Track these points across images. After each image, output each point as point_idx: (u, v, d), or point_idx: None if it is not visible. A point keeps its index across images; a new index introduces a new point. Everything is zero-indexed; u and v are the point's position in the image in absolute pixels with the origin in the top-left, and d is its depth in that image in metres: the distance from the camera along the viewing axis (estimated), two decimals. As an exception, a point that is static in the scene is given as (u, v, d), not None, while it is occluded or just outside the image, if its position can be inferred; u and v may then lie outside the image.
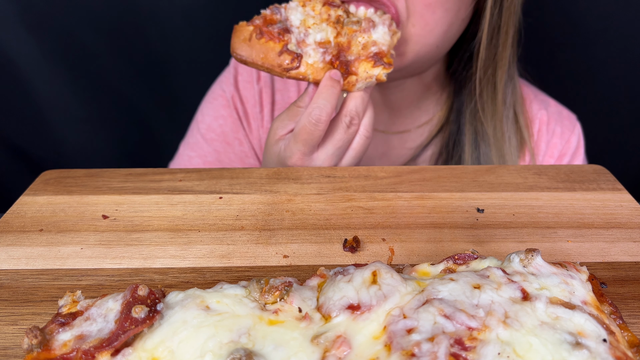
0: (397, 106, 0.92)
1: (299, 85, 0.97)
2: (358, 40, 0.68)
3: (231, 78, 0.99)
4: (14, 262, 0.51)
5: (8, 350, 0.41)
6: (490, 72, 0.83)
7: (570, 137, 0.93)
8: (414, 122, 0.94)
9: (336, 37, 0.68)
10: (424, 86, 0.91)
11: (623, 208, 0.59)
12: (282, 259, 0.51)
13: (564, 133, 0.93)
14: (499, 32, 0.79)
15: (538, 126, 0.93)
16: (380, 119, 0.93)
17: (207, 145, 0.98)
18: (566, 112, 0.96)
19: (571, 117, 0.96)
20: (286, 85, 0.97)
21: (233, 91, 0.98)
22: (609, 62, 1.20)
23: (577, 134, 0.94)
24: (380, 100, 0.91)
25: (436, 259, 0.50)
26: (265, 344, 0.36)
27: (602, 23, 1.16)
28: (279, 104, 0.97)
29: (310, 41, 0.67)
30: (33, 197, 0.62)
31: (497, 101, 0.85)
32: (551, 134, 0.93)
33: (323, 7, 0.69)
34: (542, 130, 0.93)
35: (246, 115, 0.98)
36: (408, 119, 0.94)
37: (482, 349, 0.34)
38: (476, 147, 0.88)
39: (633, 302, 0.46)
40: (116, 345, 0.36)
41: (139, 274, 0.50)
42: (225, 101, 0.98)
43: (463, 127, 0.89)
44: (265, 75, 0.98)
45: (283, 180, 0.65)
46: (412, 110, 0.93)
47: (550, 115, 0.93)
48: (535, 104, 0.94)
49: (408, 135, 0.94)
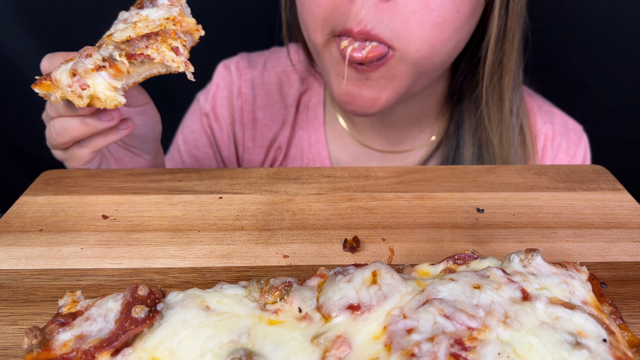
0: (396, 125, 0.89)
1: (283, 101, 0.95)
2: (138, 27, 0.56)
3: (209, 94, 0.97)
4: (14, 262, 0.51)
5: (8, 350, 0.41)
6: (496, 79, 0.80)
7: (577, 152, 0.90)
8: (413, 142, 0.91)
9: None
10: (426, 104, 0.88)
11: (623, 208, 0.59)
12: (282, 259, 0.51)
13: (570, 147, 0.90)
14: (505, 36, 0.76)
15: (543, 142, 0.90)
16: (377, 137, 0.91)
17: (179, 156, 0.98)
18: (572, 123, 0.93)
19: (577, 129, 0.92)
20: (269, 101, 0.95)
21: (209, 108, 0.96)
22: (608, 62, 1.20)
23: (583, 147, 0.91)
24: (377, 119, 0.88)
25: (436, 259, 0.50)
26: (265, 344, 0.36)
27: (602, 23, 1.16)
28: (261, 121, 0.95)
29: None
30: (33, 197, 0.62)
31: (504, 109, 0.82)
32: (556, 149, 0.90)
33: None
34: (547, 146, 0.90)
35: (221, 131, 0.96)
36: (407, 137, 0.91)
37: (482, 349, 0.34)
38: (478, 158, 0.86)
39: (633, 302, 0.46)
40: (116, 345, 0.36)
41: (139, 274, 0.50)
42: (200, 115, 0.97)
43: (463, 139, 0.86)
44: (247, 91, 0.95)
45: (283, 180, 0.65)
46: (411, 128, 0.90)
47: (555, 129, 0.90)
48: (540, 118, 0.91)
49: (406, 155, 0.92)
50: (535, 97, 0.94)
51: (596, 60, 1.21)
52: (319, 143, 0.93)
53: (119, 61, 0.54)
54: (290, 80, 0.95)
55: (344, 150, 0.93)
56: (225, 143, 0.97)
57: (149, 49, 0.53)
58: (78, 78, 0.53)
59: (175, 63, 0.54)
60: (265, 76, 0.96)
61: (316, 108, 0.94)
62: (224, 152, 0.98)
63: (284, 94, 0.95)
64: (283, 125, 0.95)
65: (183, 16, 0.57)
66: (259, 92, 0.95)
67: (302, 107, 0.95)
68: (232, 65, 0.97)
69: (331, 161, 0.93)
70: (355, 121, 0.92)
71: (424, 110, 0.89)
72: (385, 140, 0.91)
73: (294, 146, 0.95)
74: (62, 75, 0.53)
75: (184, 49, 0.54)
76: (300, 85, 0.95)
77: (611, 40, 1.17)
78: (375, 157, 0.92)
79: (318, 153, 0.93)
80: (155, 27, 0.55)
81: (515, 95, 0.84)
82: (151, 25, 0.56)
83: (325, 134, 0.93)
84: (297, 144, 0.95)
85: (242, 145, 0.97)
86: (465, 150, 0.86)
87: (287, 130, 0.95)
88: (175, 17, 0.56)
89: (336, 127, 0.94)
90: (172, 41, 0.54)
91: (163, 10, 0.57)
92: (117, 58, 0.53)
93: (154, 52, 0.53)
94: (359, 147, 0.92)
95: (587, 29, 1.17)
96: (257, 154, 0.96)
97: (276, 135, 0.95)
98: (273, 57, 0.99)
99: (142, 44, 0.54)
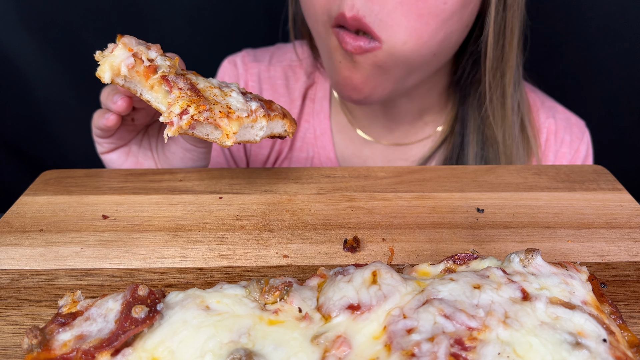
0: (399, 118, 0.90)
1: (289, 95, 0.96)
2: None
3: None
4: (14, 262, 0.51)
5: (8, 350, 0.41)
6: (499, 75, 0.81)
7: (580, 146, 0.91)
8: (417, 135, 0.92)
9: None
10: (428, 97, 0.89)
11: (623, 208, 0.59)
12: (282, 259, 0.51)
13: (573, 142, 0.91)
14: (505, 31, 0.77)
15: (546, 136, 0.91)
16: (381, 131, 0.92)
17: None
18: (575, 118, 0.93)
19: (580, 124, 0.93)
20: (276, 95, 0.96)
21: None
22: (609, 62, 1.20)
23: (586, 142, 0.91)
24: (380, 112, 0.89)
25: (436, 259, 0.50)
26: (265, 344, 0.36)
27: (602, 22, 1.16)
28: None
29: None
30: (33, 197, 0.62)
31: (507, 106, 0.83)
32: (559, 143, 0.90)
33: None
34: (550, 140, 0.91)
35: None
36: (410, 131, 0.92)
37: (482, 349, 0.34)
38: (482, 157, 0.86)
39: (633, 302, 0.46)
40: (116, 345, 0.36)
41: (139, 274, 0.50)
42: None
43: (467, 138, 0.87)
44: (254, 85, 0.96)
45: (283, 180, 0.65)
46: (414, 122, 0.91)
47: (558, 123, 0.91)
48: (543, 113, 0.91)
49: (410, 148, 0.92)
50: (538, 92, 0.95)
51: (596, 60, 1.21)
52: (325, 136, 0.94)
53: (158, 71, 0.54)
54: (296, 75, 0.96)
55: (349, 144, 0.94)
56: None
57: (177, 90, 0.53)
58: (117, 43, 0.54)
59: (166, 112, 0.52)
60: (272, 70, 0.97)
61: (322, 102, 0.95)
62: (233, 147, 0.98)
63: (290, 87, 0.96)
64: None
65: (237, 120, 0.54)
66: (266, 85, 0.96)
67: (308, 100, 0.96)
68: (238, 60, 0.98)
69: (336, 154, 0.94)
70: (359, 115, 0.92)
71: (426, 103, 0.89)
72: (389, 133, 0.92)
73: (299, 139, 0.96)
74: (123, 39, 0.55)
75: (189, 119, 0.52)
76: (307, 80, 0.96)
77: (611, 39, 1.17)
78: (379, 150, 0.92)
79: (323, 146, 0.94)
80: (212, 98, 0.55)
81: (516, 91, 0.84)
82: (218, 99, 0.55)
83: (330, 127, 0.94)
84: (302, 136, 0.95)
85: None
86: (469, 148, 0.87)
87: None
88: (232, 112, 0.54)
89: (341, 120, 0.94)
90: (193, 107, 0.52)
91: (241, 105, 0.55)
92: (158, 69, 0.54)
93: (175, 94, 0.52)
94: (364, 141, 0.93)
95: (587, 29, 1.17)
96: (263, 147, 0.97)
97: None
98: (278, 52, 1.00)
99: (182, 84, 0.53)
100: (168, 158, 0.71)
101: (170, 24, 1.22)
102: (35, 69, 1.24)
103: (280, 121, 0.59)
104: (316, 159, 0.94)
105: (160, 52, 0.56)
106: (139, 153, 0.72)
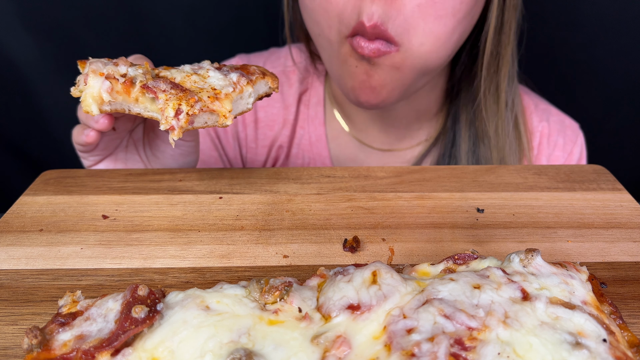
0: (396, 122, 0.90)
1: (284, 101, 0.96)
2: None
3: None
4: (14, 262, 0.51)
5: (8, 350, 0.41)
6: (493, 70, 0.81)
7: (573, 149, 0.91)
8: (412, 140, 0.92)
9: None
10: (427, 100, 0.89)
11: (623, 208, 0.59)
12: (282, 259, 0.51)
13: (566, 145, 0.91)
14: (502, 27, 0.77)
15: (539, 139, 0.91)
16: (377, 134, 0.91)
17: None
18: (569, 121, 0.93)
19: (574, 126, 0.93)
20: (270, 101, 0.95)
21: None
22: (608, 62, 1.20)
23: (579, 144, 0.92)
24: (378, 115, 0.89)
25: (436, 259, 0.50)
26: (265, 344, 0.36)
27: (601, 22, 1.16)
28: (262, 121, 0.95)
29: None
30: (33, 197, 0.62)
31: (500, 101, 0.83)
32: (553, 146, 0.91)
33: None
34: (543, 143, 0.91)
35: (225, 133, 0.97)
36: (406, 135, 0.92)
37: (482, 349, 0.34)
38: (474, 153, 0.86)
39: (633, 302, 0.46)
40: (116, 345, 0.36)
41: (139, 274, 0.50)
42: None
43: (460, 132, 0.87)
44: None
45: (283, 180, 0.65)
46: (410, 125, 0.91)
47: (551, 126, 0.91)
48: (536, 116, 0.91)
49: (405, 153, 0.92)
50: (532, 95, 0.95)
51: (596, 60, 1.21)
52: (320, 142, 0.94)
53: (136, 82, 0.53)
54: (289, 80, 0.96)
55: (344, 149, 0.94)
56: (230, 144, 0.97)
57: (162, 93, 0.52)
58: (87, 72, 0.54)
59: (163, 120, 0.52)
60: None
61: (316, 107, 0.95)
62: (230, 153, 0.98)
63: (284, 93, 0.96)
64: (284, 125, 0.95)
65: (226, 98, 0.54)
66: None
67: (303, 106, 0.95)
68: None
69: (332, 160, 0.94)
70: (355, 119, 0.92)
71: (424, 106, 0.89)
72: (385, 137, 0.92)
73: (295, 145, 0.95)
74: (90, 66, 0.54)
75: (185, 117, 0.51)
76: (300, 85, 0.95)
77: (609, 39, 1.17)
78: (374, 154, 0.92)
79: (319, 152, 0.94)
80: (195, 87, 0.54)
81: (510, 87, 0.84)
82: (200, 85, 0.54)
83: (325, 133, 0.94)
84: (298, 143, 0.95)
85: (245, 146, 0.98)
86: (461, 142, 0.87)
87: (288, 129, 0.95)
88: (219, 93, 0.54)
89: (336, 126, 0.94)
90: (184, 104, 0.51)
91: (222, 81, 0.55)
92: (134, 80, 0.53)
93: (162, 99, 0.52)
94: (358, 146, 0.93)
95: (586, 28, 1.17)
96: (260, 154, 0.97)
97: (277, 134, 0.96)
98: (272, 57, 0.99)
99: (163, 86, 0.52)
100: (158, 158, 0.71)
101: (171, 25, 1.22)
102: (36, 69, 1.24)
103: (262, 80, 0.59)
104: (312, 165, 0.94)
105: (128, 64, 0.55)
106: (127, 159, 0.72)
